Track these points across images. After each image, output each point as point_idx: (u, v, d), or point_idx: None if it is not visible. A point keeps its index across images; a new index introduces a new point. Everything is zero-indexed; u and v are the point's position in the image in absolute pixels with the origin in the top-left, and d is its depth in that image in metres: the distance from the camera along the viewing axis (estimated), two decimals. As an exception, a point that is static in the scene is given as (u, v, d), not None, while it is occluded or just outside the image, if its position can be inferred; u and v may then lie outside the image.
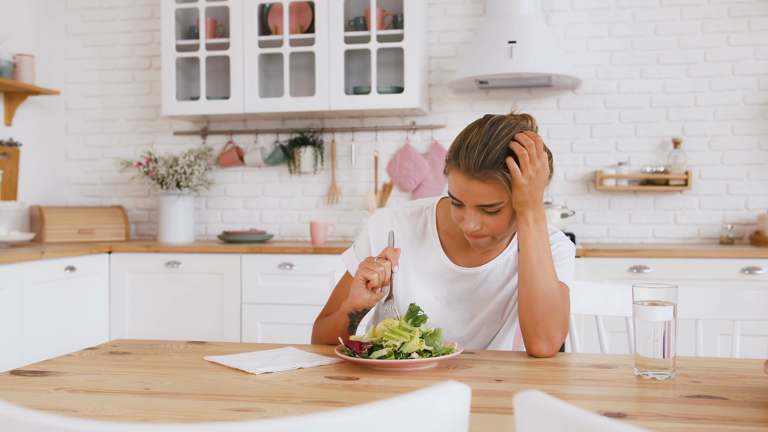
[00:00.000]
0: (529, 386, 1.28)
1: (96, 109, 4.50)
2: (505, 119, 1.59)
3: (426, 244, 1.73)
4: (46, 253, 3.33)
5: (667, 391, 1.24)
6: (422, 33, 3.91)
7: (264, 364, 1.45)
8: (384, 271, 1.55)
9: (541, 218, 1.57)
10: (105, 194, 4.50)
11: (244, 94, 3.94)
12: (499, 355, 1.55)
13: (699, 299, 1.83)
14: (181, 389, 1.28)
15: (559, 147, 4.02)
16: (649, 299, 1.33)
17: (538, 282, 1.54)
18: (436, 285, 1.71)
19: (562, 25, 4.00)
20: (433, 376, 1.36)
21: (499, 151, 1.53)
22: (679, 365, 1.43)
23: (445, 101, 4.13)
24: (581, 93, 3.99)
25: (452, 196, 1.58)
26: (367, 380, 1.33)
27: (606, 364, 1.45)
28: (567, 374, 1.38)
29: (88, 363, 1.50)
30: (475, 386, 1.29)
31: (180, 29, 4.15)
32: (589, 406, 1.15)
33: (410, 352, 1.42)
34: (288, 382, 1.33)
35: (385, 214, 1.77)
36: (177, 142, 4.39)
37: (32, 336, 3.24)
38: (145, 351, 1.62)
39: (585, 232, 3.99)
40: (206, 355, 1.56)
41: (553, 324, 1.53)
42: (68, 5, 4.50)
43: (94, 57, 4.49)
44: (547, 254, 1.56)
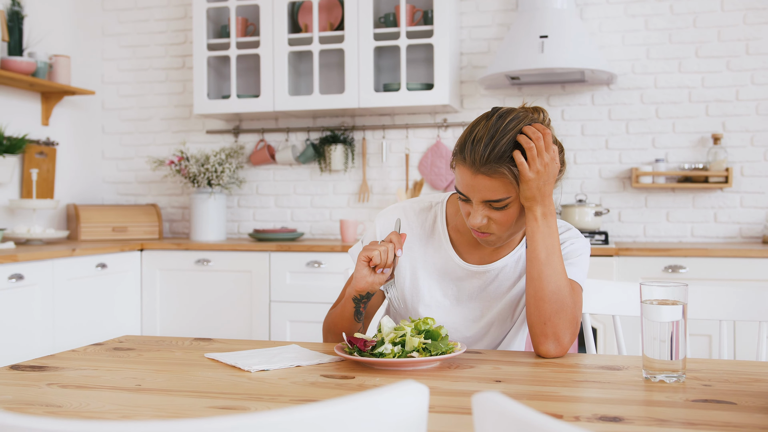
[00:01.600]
0: (529, 388, 1.23)
1: (131, 108, 4.54)
2: (514, 112, 1.54)
3: (435, 241, 1.69)
4: (77, 250, 3.37)
5: (673, 395, 1.18)
6: (453, 29, 3.85)
7: (262, 361, 1.42)
8: (386, 250, 1.53)
9: (550, 214, 1.52)
10: (140, 193, 4.54)
11: (274, 92, 3.93)
12: (505, 355, 1.50)
13: (723, 299, 1.75)
14: (172, 386, 1.26)
15: (593, 143, 3.93)
16: (658, 298, 1.27)
17: (546, 280, 1.49)
18: (445, 282, 1.66)
19: (596, 19, 3.91)
20: (431, 376, 1.32)
21: (505, 144, 1.48)
22: (693, 368, 1.36)
23: (476, 98, 4.07)
24: (617, 88, 3.90)
25: (459, 191, 1.54)
26: (362, 379, 1.30)
27: (615, 366, 1.39)
28: (571, 376, 1.32)
29: (88, 359, 1.49)
30: (471, 387, 1.24)
31: (212, 28, 4.16)
32: (586, 409, 1.10)
33: (410, 350, 1.38)
34: (281, 380, 1.30)
35: (393, 209, 1.73)
36: (209, 141, 4.41)
37: (63, 331, 3.28)
38: (149, 347, 1.61)
39: (620, 230, 3.89)
40: (208, 352, 1.54)
41: (562, 323, 1.47)
42: (105, 6, 4.55)
43: (129, 57, 4.53)
44: (556, 251, 1.51)
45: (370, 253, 1.52)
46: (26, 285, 3.08)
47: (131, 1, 4.52)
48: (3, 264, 2.96)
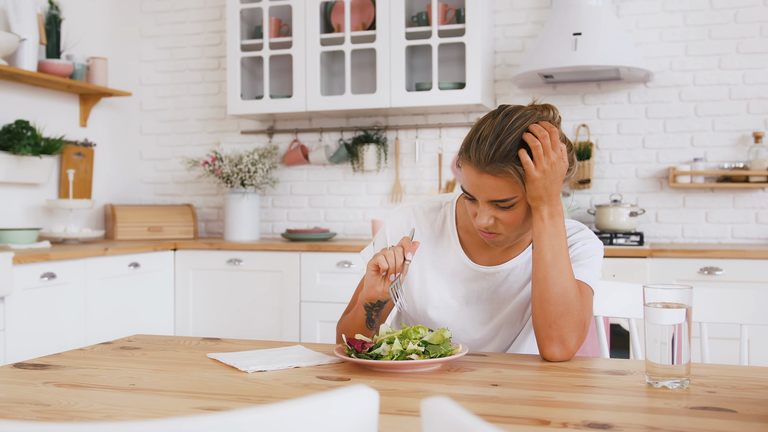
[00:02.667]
0: (524, 392, 1.20)
1: (168, 109, 4.60)
2: (521, 110, 1.51)
3: (444, 242, 1.66)
4: (109, 249, 3.42)
5: (673, 401, 1.13)
6: (486, 27, 3.81)
7: (260, 362, 1.41)
8: (393, 255, 1.47)
9: (557, 214, 1.48)
10: (176, 193, 4.59)
11: (306, 92, 3.94)
12: (510, 359, 1.47)
13: (744, 302, 1.69)
14: (165, 386, 1.26)
15: (630, 143, 3.84)
16: (661, 301, 1.23)
17: (552, 281, 1.45)
18: (454, 284, 1.63)
19: (633, 16, 3.83)
20: (429, 379, 1.29)
21: (511, 143, 1.44)
22: (701, 373, 1.31)
23: (510, 96, 4.01)
24: (654, 86, 3.81)
25: (465, 191, 1.51)
26: (358, 382, 1.28)
27: (620, 371, 1.35)
28: (572, 380, 1.28)
29: (92, 357, 1.50)
30: (466, 390, 1.21)
31: (246, 29, 4.19)
32: (577, 415, 1.06)
33: (410, 353, 1.36)
34: (276, 382, 1.29)
35: (402, 210, 1.71)
36: (244, 141, 4.44)
37: (95, 330, 3.33)
38: (156, 346, 1.61)
39: (658, 231, 3.80)
40: (211, 352, 1.54)
41: (568, 326, 1.43)
42: (143, 9, 4.62)
43: (166, 59, 4.59)
44: (562, 252, 1.47)
45: (377, 259, 1.48)
46: (58, 284, 3.13)
47: (168, 3, 4.57)
48: (36, 263, 3.01)
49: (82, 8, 4.15)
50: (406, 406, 1.12)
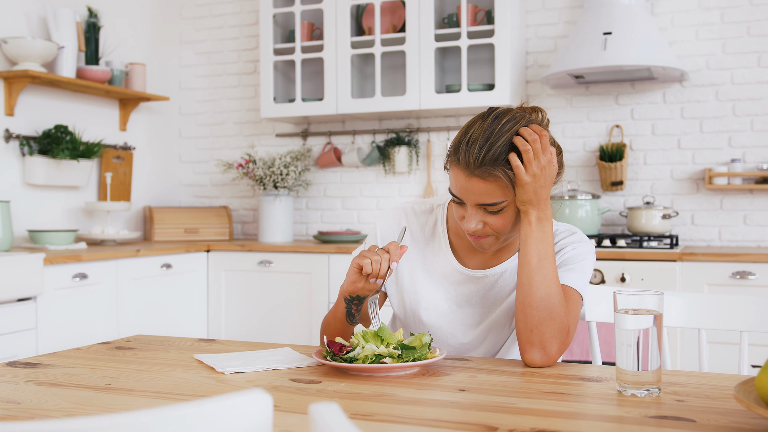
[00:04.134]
0: (486, 397, 1.19)
1: (206, 113, 4.68)
2: (510, 112, 1.49)
3: (435, 244, 1.65)
4: (141, 250, 3.50)
5: (634, 410, 1.11)
6: (516, 28, 3.78)
7: (240, 364, 1.43)
8: (379, 260, 1.45)
9: (545, 218, 1.46)
10: (214, 195, 4.68)
11: (337, 95, 3.97)
12: (492, 364, 1.46)
13: (744, 309, 1.64)
14: (138, 386, 1.29)
15: (665, 143, 3.76)
16: (630, 307, 1.20)
17: (536, 286, 1.43)
18: (444, 287, 1.63)
19: (668, 14, 3.74)
20: (400, 382, 1.29)
21: (501, 146, 1.43)
22: (678, 381, 1.28)
23: (543, 98, 3.97)
24: (690, 85, 3.72)
25: (453, 194, 1.50)
26: (326, 385, 1.29)
27: (596, 378, 1.32)
28: (542, 387, 1.26)
29: (84, 357, 1.54)
30: (431, 395, 1.21)
31: (280, 33, 4.24)
32: (529, 422, 1.05)
33: (384, 356, 1.36)
34: (248, 383, 1.30)
35: (394, 210, 1.71)
36: (279, 144, 4.49)
37: (126, 330, 3.41)
38: (151, 347, 1.65)
39: (694, 234, 3.71)
40: (203, 353, 1.57)
41: (550, 332, 1.41)
42: (182, 15, 4.71)
43: (204, 63, 4.68)
44: (548, 257, 1.45)
45: (362, 261, 1.46)
46: (90, 284, 3.22)
47: (206, 9, 4.65)
48: (67, 264, 3.10)
49: (121, 15, 4.26)
50: (363, 410, 1.12)
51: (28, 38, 3.50)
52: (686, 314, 1.68)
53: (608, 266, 3.24)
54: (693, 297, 1.68)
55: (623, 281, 3.19)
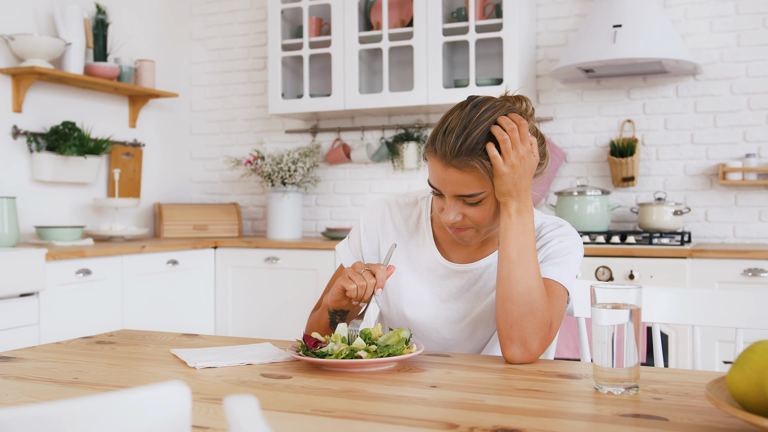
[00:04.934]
0: (457, 394, 1.15)
1: (216, 110, 4.68)
2: (490, 101, 1.45)
3: (419, 238, 1.62)
4: (147, 247, 3.49)
5: (606, 408, 1.06)
6: (525, 21, 3.72)
7: (214, 359, 1.40)
8: (365, 286, 1.41)
9: (525, 210, 1.42)
10: (224, 192, 4.67)
11: (344, 91, 3.93)
12: (472, 360, 1.41)
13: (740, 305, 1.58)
14: (104, 381, 1.26)
15: (677, 138, 3.69)
16: (608, 301, 1.16)
17: (516, 280, 1.39)
18: (429, 281, 1.59)
19: (681, 5, 3.67)
20: (373, 378, 1.25)
21: (478, 136, 1.39)
22: (661, 379, 1.23)
23: (553, 92, 3.91)
24: (703, 79, 3.64)
25: (431, 185, 1.46)
26: (296, 380, 1.25)
27: (575, 375, 1.28)
28: (516, 383, 1.22)
29: (61, 351, 1.52)
30: (400, 392, 1.17)
31: (289, 29, 4.22)
32: (492, 419, 1.01)
33: (358, 350, 1.32)
34: (216, 378, 1.27)
35: (378, 204, 1.68)
36: (288, 141, 4.47)
37: (131, 326, 3.40)
38: (132, 341, 1.63)
39: (707, 231, 3.63)
40: (183, 348, 1.54)
41: (530, 327, 1.37)
42: (193, 12, 4.71)
43: (215, 60, 4.67)
44: (529, 250, 1.40)
45: (348, 285, 1.41)
46: (94, 280, 3.22)
47: (217, 5, 4.65)
48: (71, 260, 3.10)
49: (130, 12, 4.26)
50: (325, 406, 1.09)
51: (35, 35, 3.50)
52: (678, 310, 1.62)
53: (617, 263, 3.17)
54: (686, 293, 1.62)
55: (632, 278, 3.13)
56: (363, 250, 1.64)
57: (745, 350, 0.91)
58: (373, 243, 1.64)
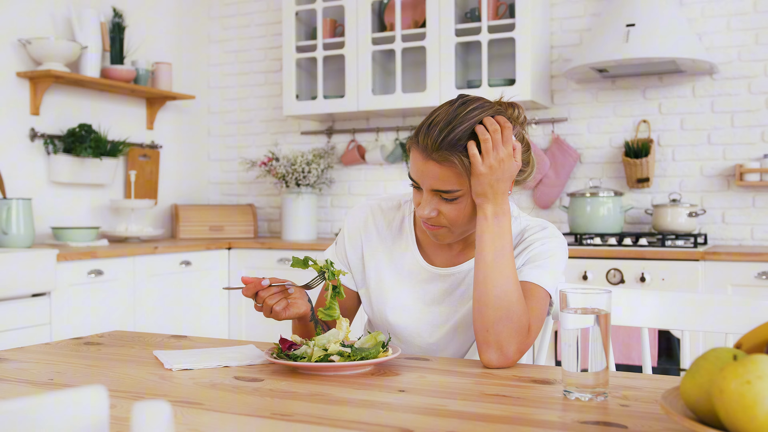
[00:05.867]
0: (422, 399, 1.14)
1: (234, 111, 4.71)
2: (480, 101, 1.45)
3: (402, 241, 1.61)
4: (159, 247, 3.52)
5: (570, 415, 1.05)
6: (539, 21, 3.69)
7: (192, 361, 1.41)
8: (269, 307, 1.43)
9: (502, 213, 1.40)
10: (241, 193, 4.69)
11: (357, 92, 3.94)
12: (449, 364, 1.40)
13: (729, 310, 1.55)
14: (78, 383, 1.27)
15: (694, 138, 3.63)
16: (580, 306, 1.14)
17: (492, 284, 1.37)
18: (412, 285, 1.58)
19: (698, 3, 3.61)
20: (342, 382, 1.25)
21: (461, 132, 1.38)
22: (633, 385, 1.21)
23: (567, 93, 3.87)
24: (720, 78, 3.58)
25: (410, 177, 1.46)
26: (267, 383, 1.25)
27: (550, 380, 1.26)
28: (485, 389, 1.21)
29: (48, 352, 1.54)
30: (367, 396, 1.16)
31: (304, 31, 4.23)
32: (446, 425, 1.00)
33: (332, 354, 1.32)
34: (189, 381, 1.28)
35: (361, 208, 1.67)
36: (303, 142, 4.48)
37: (143, 326, 3.44)
38: (120, 342, 1.64)
39: (724, 233, 3.56)
40: (169, 349, 1.55)
41: (506, 332, 1.35)
42: (211, 14, 4.74)
43: (232, 62, 4.70)
44: (505, 254, 1.39)
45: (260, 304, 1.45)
46: (105, 280, 3.25)
47: (234, 8, 4.68)
48: (82, 260, 3.14)
49: (147, 16, 4.30)
50: (285, 410, 1.08)
51: (51, 39, 3.56)
52: (666, 315, 1.59)
53: (628, 265, 3.13)
54: (677, 297, 1.59)
55: (643, 281, 3.08)
56: (348, 256, 1.64)
57: (697, 358, 0.89)
58: (357, 249, 1.63)
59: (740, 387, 0.77)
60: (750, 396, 0.77)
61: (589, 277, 3.17)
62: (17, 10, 3.58)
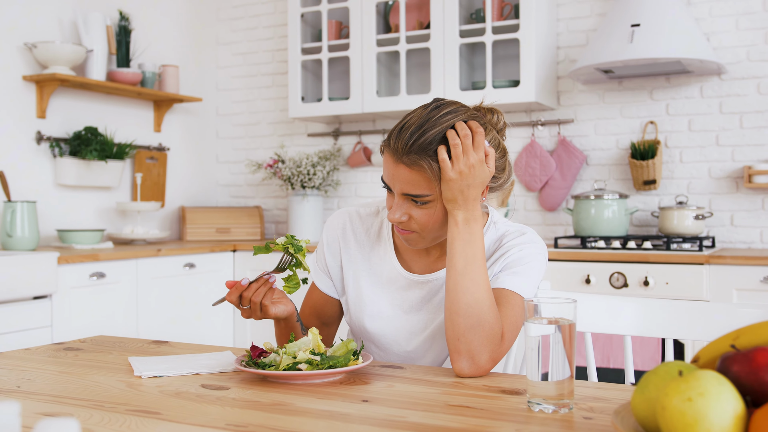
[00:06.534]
0: (384, 409, 1.12)
1: (242, 114, 4.71)
2: (454, 105, 1.43)
3: (380, 248, 1.59)
4: (162, 250, 3.53)
5: (530, 428, 1.02)
6: (543, 21, 3.65)
7: (163, 368, 1.40)
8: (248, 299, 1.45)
9: (473, 219, 1.38)
10: (248, 195, 4.70)
11: (362, 94, 3.92)
12: (423, 373, 1.38)
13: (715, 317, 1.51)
14: (44, 389, 1.27)
15: (702, 140, 3.57)
16: (545, 315, 1.12)
17: (462, 291, 1.35)
18: (391, 292, 1.56)
19: (706, 3, 3.55)
20: (309, 391, 1.23)
21: (432, 136, 1.37)
22: (604, 396, 1.18)
23: (574, 94, 3.83)
24: (729, 78, 3.52)
25: (383, 181, 1.44)
26: (233, 392, 1.24)
27: (518, 390, 1.23)
28: (451, 399, 1.19)
29: (24, 358, 1.54)
30: (327, 406, 1.15)
31: (310, 32, 4.22)
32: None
33: (300, 362, 1.30)
34: (156, 388, 1.27)
35: (339, 215, 1.65)
36: (310, 144, 4.47)
37: (146, 329, 3.45)
38: (99, 348, 1.64)
39: (733, 236, 3.51)
40: (148, 355, 1.55)
41: (477, 340, 1.33)
42: (219, 16, 4.75)
43: (240, 64, 4.70)
44: (476, 261, 1.37)
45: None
46: (107, 283, 3.26)
47: (242, 10, 4.68)
48: (84, 263, 3.15)
49: (154, 18, 4.32)
50: (241, 420, 1.07)
51: (57, 42, 3.58)
52: (648, 322, 1.56)
53: (631, 269, 3.09)
54: (658, 304, 1.56)
55: (646, 285, 3.04)
56: (327, 263, 1.63)
57: (648, 372, 0.86)
58: (336, 256, 1.62)
59: (681, 404, 0.75)
60: (691, 414, 0.74)
61: (592, 281, 3.13)
62: (24, 13, 3.60)
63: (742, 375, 0.80)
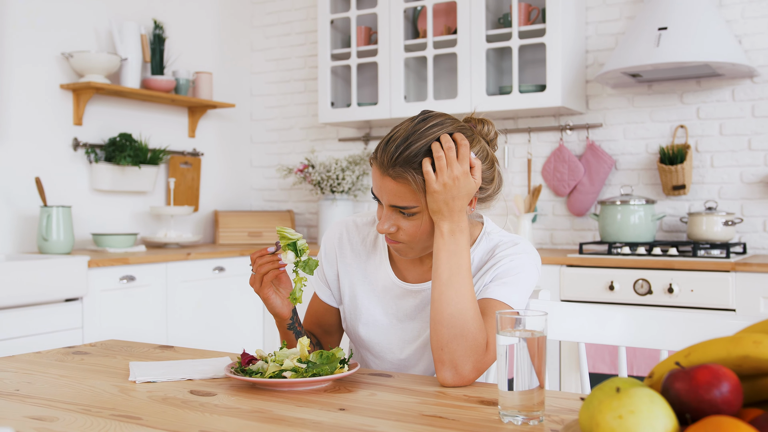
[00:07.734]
0: (359, 418, 1.14)
1: (275, 119, 4.78)
2: (441, 117, 1.44)
3: (376, 257, 1.61)
4: (192, 254, 3.61)
5: (492, 440, 1.04)
6: (571, 25, 3.63)
7: (159, 374, 1.44)
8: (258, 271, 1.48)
9: (459, 231, 1.40)
10: (281, 199, 4.76)
11: (390, 99, 3.95)
12: (409, 381, 1.40)
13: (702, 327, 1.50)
14: (40, 393, 1.32)
15: (733, 144, 3.51)
16: (517, 326, 1.13)
17: (446, 302, 1.36)
18: (386, 301, 1.58)
19: (738, 5, 3.49)
20: (292, 399, 1.26)
21: (417, 149, 1.39)
22: (575, 407, 1.18)
23: (603, 98, 3.79)
24: (761, 81, 3.45)
25: (372, 192, 1.47)
26: (219, 399, 1.28)
27: (496, 401, 1.24)
28: (427, 408, 1.20)
29: (31, 362, 1.60)
30: (305, 414, 1.17)
31: (340, 38, 4.26)
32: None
33: (287, 370, 1.33)
34: (147, 393, 1.31)
35: (336, 225, 1.68)
36: (341, 149, 4.51)
37: (176, 332, 3.52)
38: (104, 353, 1.69)
39: (765, 242, 3.44)
40: (151, 360, 1.59)
41: (461, 351, 1.34)
42: (253, 24, 4.83)
43: (273, 70, 4.77)
44: (461, 271, 1.38)
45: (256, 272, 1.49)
46: (137, 286, 3.35)
47: (275, 17, 4.75)
48: (114, 266, 3.24)
49: (188, 26, 4.41)
50: (215, 427, 1.10)
51: (92, 52, 3.68)
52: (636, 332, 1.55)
53: (656, 276, 3.05)
54: (650, 314, 1.55)
55: (671, 292, 3.00)
56: (326, 273, 1.66)
57: (595, 387, 0.87)
58: (333, 266, 1.65)
59: (612, 422, 0.76)
60: (621, 431, 0.75)
61: (615, 288, 3.10)
62: (61, 24, 3.71)
63: (682, 392, 0.80)
